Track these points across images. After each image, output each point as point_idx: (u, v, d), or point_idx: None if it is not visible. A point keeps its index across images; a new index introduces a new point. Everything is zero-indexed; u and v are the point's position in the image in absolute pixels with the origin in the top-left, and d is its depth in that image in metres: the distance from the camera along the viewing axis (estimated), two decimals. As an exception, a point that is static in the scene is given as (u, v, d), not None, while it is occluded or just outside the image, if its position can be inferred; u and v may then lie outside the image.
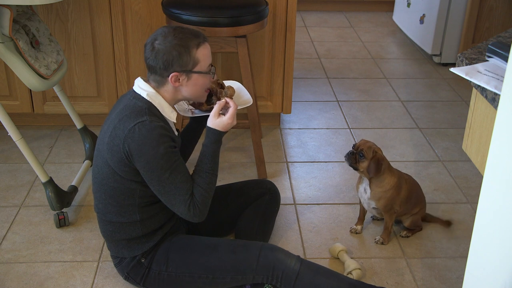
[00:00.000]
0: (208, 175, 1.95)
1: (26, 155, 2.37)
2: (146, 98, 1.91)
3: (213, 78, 2.05)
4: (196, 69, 1.93)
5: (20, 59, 2.25)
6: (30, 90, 3.01)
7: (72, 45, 2.98)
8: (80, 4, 2.89)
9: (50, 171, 2.82)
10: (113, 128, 1.88)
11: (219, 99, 2.10)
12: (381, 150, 2.29)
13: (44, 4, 2.83)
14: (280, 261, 1.95)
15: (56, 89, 2.66)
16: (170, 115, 1.96)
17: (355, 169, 2.29)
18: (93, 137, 2.85)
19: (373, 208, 2.35)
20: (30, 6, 2.44)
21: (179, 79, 1.91)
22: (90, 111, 3.13)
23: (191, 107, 2.21)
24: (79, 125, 2.81)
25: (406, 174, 2.43)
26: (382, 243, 2.39)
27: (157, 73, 1.91)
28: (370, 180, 2.30)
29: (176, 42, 1.88)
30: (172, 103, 1.98)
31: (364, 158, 2.24)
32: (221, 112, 2.01)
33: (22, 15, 2.36)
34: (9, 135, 2.33)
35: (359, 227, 2.46)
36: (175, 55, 1.87)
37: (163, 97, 1.94)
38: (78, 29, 2.95)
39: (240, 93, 2.29)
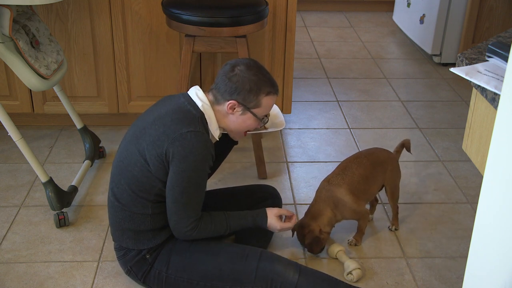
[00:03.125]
0: (225, 227, 2.04)
1: (26, 155, 2.37)
2: (200, 108, 1.96)
3: (260, 127, 2.16)
4: (254, 111, 2.01)
5: (20, 59, 2.25)
6: (30, 90, 3.01)
7: (72, 45, 2.98)
8: (80, 4, 2.89)
9: (50, 171, 2.82)
10: (161, 124, 1.92)
11: None
12: (316, 226, 2.24)
13: (44, 4, 2.83)
14: (278, 273, 1.95)
15: (56, 89, 2.66)
16: (215, 132, 2.02)
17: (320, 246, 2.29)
18: (93, 137, 2.85)
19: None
20: (30, 6, 2.44)
21: (234, 108, 1.99)
22: (90, 111, 3.13)
23: None
24: (79, 125, 2.81)
25: (338, 174, 2.31)
26: (355, 245, 2.37)
27: (220, 92, 1.98)
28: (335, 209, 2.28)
29: (253, 79, 1.96)
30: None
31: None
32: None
33: (22, 15, 2.36)
34: (9, 135, 2.33)
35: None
36: (246, 88, 1.96)
37: (214, 113, 2.01)
38: (78, 29, 2.95)
39: (276, 114, 2.41)
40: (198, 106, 1.96)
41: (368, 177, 2.31)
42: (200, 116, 1.95)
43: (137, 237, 2.02)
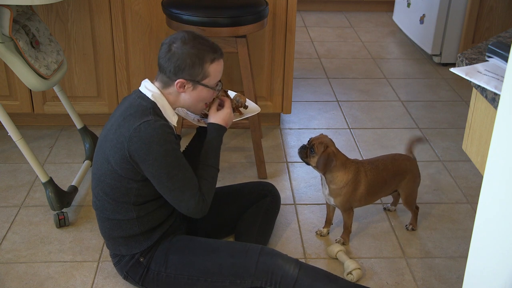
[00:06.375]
0: (212, 169, 2.04)
1: (26, 155, 2.37)
2: (151, 98, 1.93)
3: (217, 95, 2.10)
4: (204, 82, 1.96)
5: (20, 59, 2.25)
6: (30, 90, 3.01)
7: (72, 45, 2.98)
8: (80, 4, 2.89)
9: (50, 171, 2.82)
10: (117, 126, 1.90)
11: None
12: (334, 145, 2.25)
13: (44, 4, 2.83)
14: (279, 267, 1.95)
15: (56, 89, 2.66)
16: (172, 118, 1.99)
17: (307, 164, 2.26)
18: (93, 137, 2.85)
19: (334, 205, 2.33)
20: (30, 6, 2.44)
21: (184, 86, 1.94)
22: (90, 111, 3.13)
23: (199, 117, 2.23)
24: (79, 125, 2.81)
25: (371, 163, 2.32)
26: (343, 244, 2.37)
27: (165, 74, 1.94)
28: (324, 176, 2.26)
29: (192, 52, 1.90)
30: (173, 106, 2.01)
31: (314, 153, 2.21)
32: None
33: (22, 15, 2.36)
34: (9, 135, 2.33)
35: (325, 230, 2.44)
36: (188, 64, 1.90)
37: (166, 99, 1.97)
38: (78, 29, 2.95)
39: (248, 102, 2.34)
40: (148, 97, 1.93)
41: (386, 182, 2.34)
42: (151, 107, 1.91)
43: (128, 242, 2.02)
